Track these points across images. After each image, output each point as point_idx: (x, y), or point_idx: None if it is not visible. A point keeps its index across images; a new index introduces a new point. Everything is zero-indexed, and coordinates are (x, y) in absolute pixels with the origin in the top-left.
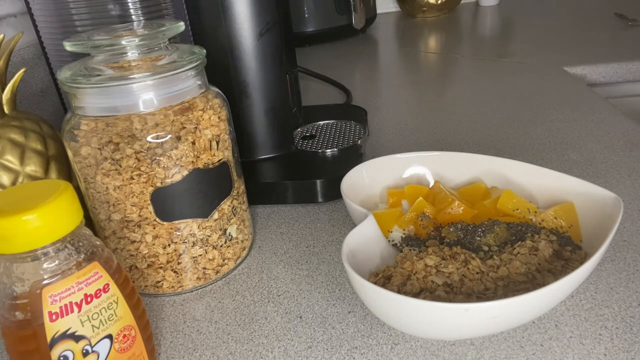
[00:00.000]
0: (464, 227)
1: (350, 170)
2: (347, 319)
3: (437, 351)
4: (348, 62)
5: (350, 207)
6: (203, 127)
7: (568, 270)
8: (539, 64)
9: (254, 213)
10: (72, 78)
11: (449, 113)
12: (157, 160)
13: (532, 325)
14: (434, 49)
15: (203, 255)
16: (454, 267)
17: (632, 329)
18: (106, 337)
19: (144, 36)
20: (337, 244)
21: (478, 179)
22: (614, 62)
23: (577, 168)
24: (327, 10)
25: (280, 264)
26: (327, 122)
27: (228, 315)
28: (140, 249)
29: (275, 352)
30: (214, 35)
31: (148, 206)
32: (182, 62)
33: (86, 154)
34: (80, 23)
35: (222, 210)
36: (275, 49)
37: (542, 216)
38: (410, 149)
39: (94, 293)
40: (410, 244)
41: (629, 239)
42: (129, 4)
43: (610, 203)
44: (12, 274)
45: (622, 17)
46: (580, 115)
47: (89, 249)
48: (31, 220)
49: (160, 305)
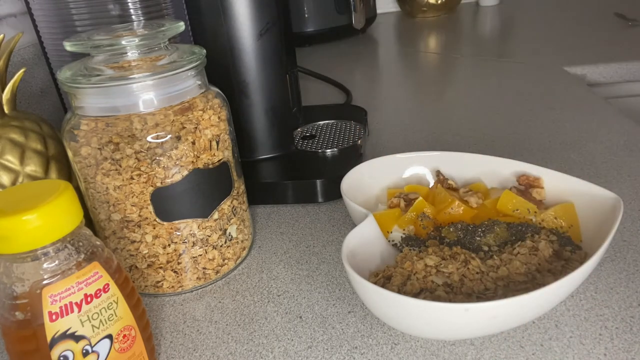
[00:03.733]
0: (464, 227)
1: (350, 170)
2: (347, 319)
3: (437, 351)
4: (348, 62)
5: (350, 207)
6: (203, 127)
7: (568, 270)
8: (539, 64)
9: (254, 213)
10: (72, 78)
11: (449, 113)
12: (157, 160)
13: (532, 325)
14: (434, 49)
15: (203, 255)
16: (454, 267)
17: (632, 329)
18: (106, 337)
19: (144, 36)
20: (337, 244)
21: (478, 179)
22: (614, 62)
23: (577, 168)
24: (327, 10)
25: (280, 264)
26: (327, 122)
27: (228, 315)
28: (140, 249)
29: (275, 352)
30: (214, 35)
31: (148, 206)
32: (182, 62)
33: (86, 154)
34: (80, 23)
35: (222, 210)
36: (275, 49)
37: (542, 216)
38: (410, 149)
39: (94, 293)
40: (410, 244)
41: (629, 239)
42: (129, 4)
43: (610, 203)
44: (12, 274)
45: (622, 17)
46: (580, 115)
47: (89, 249)
48: (31, 220)
49: (160, 305)
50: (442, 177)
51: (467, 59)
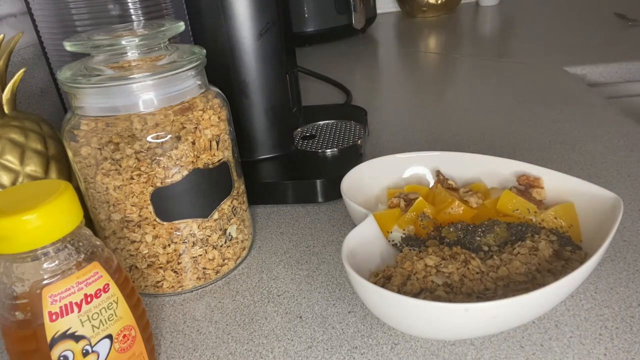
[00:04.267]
0: (464, 227)
1: (350, 170)
2: (347, 319)
3: (437, 351)
4: (348, 62)
5: (350, 207)
6: (203, 127)
7: (568, 270)
8: (539, 64)
9: (254, 213)
10: (72, 78)
11: (449, 113)
12: (157, 160)
13: (532, 325)
14: (434, 49)
15: (203, 255)
16: (454, 267)
17: (632, 329)
18: (106, 337)
19: (144, 36)
20: (337, 244)
21: (478, 179)
22: (614, 62)
23: (577, 168)
24: (327, 10)
25: (280, 264)
26: (327, 122)
27: (228, 315)
28: (140, 249)
29: (275, 352)
30: (214, 35)
31: (148, 206)
32: (182, 62)
33: (86, 154)
34: (80, 23)
35: (222, 210)
36: (275, 49)
37: (542, 216)
38: (410, 149)
39: (94, 293)
40: (410, 244)
41: (629, 239)
42: (129, 4)
43: (610, 203)
44: (12, 274)
45: (622, 17)
46: (580, 115)
47: (89, 249)
48: (31, 220)
49: (160, 305)
50: (442, 177)
51: (467, 59)
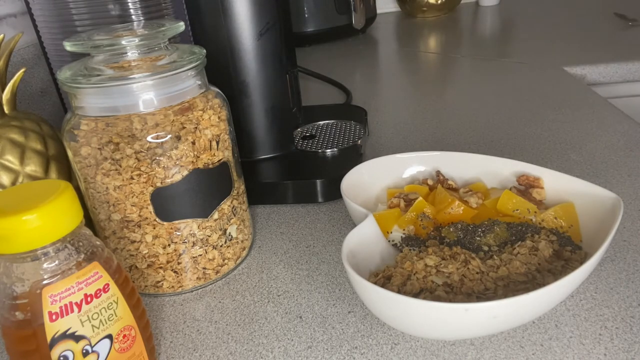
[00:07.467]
0: (464, 227)
1: (350, 170)
2: (347, 319)
3: (437, 351)
4: (348, 62)
5: (350, 207)
6: (203, 127)
7: (568, 270)
8: (539, 64)
9: (254, 213)
10: (72, 78)
11: (449, 113)
12: (157, 160)
13: (532, 325)
14: (434, 49)
15: (203, 255)
16: (454, 267)
17: (632, 329)
18: (106, 337)
19: (144, 36)
20: (337, 244)
21: (478, 179)
22: (614, 62)
23: (577, 168)
24: (327, 10)
25: (280, 264)
26: (327, 122)
27: (228, 315)
28: (140, 249)
29: (275, 352)
30: (214, 35)
31: (148, 206)
32: (182, 62)
33: (86, 154)
34: (80, 23)
35: (222, 210)
36: (275, 49)
37: (542, 216)
38: (410, 149)
39: (94, 293)
40: (410, 244)
41: (629, 239)
42: (129, 4)
43: (610, 203)
44: (12, 274)
45: (622, 17)
46: (580, 115)
47: (89, 249)
48: (31, 220)
49: (160, 305)
50: (442, 177)
51: (467, 59)
